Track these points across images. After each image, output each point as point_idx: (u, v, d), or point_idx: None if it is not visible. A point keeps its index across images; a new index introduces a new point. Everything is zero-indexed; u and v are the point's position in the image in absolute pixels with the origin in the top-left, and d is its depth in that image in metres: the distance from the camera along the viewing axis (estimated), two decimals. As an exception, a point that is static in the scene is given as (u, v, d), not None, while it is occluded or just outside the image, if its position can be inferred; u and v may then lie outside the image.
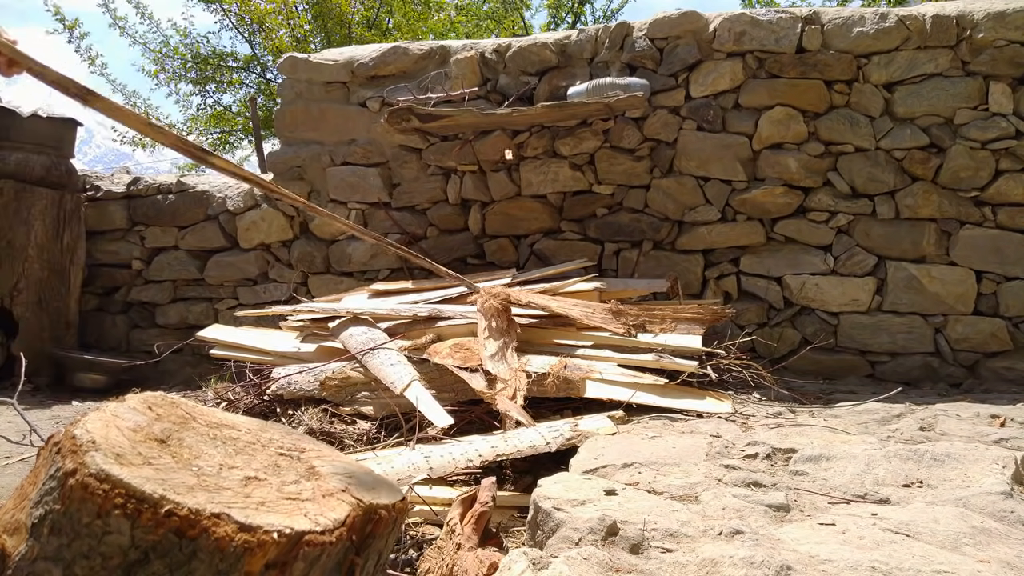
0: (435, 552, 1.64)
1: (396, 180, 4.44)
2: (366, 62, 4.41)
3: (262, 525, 0.70)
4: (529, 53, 4.15)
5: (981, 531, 1.42)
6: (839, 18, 3.81)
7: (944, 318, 3.77)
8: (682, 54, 3.95)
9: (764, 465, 2.07)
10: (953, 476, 1.82)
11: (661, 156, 4.03)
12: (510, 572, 1.29)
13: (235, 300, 4.78)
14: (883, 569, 1.22)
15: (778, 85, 3.85)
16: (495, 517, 1.85)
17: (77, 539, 0.68)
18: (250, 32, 10.30)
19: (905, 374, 3.76)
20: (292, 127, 4.59)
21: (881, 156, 3.78)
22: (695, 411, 2.76)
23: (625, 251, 4.14)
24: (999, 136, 3.64)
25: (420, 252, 4.38)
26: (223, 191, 4.79)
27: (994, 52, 3.62)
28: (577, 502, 1.58)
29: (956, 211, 3.74)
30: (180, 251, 4.89)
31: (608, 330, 3.13)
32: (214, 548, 0.68)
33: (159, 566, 0.68)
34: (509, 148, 4.06)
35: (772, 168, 3.89)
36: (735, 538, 1.38)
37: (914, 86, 3.74)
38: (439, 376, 2.90)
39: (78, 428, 0.72)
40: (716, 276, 4.04)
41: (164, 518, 0.67)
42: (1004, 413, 2.68)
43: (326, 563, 0.76)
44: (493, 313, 3.06)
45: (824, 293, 3.88)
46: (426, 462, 2.26)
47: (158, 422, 0.80)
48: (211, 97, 10.48)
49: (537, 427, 2.47)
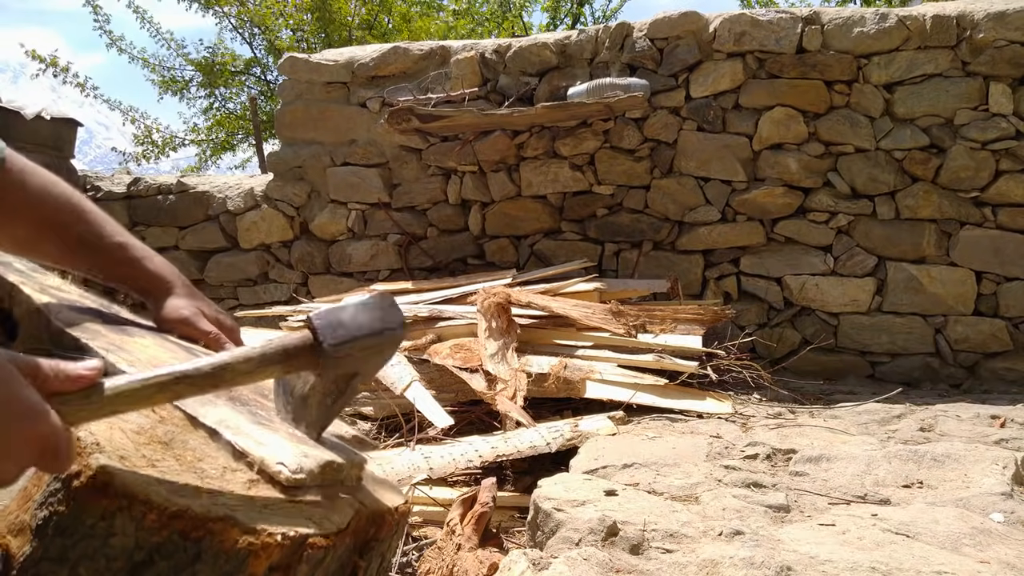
0: (435, 552, 1.64)
1: (396, 180, 4.44)
2: (366, 62, 4.41)
3: (266, 528, 0.70)
4: (529, 53, 4.15)
5: (981, 531, 1.42)
6: (839, 18, 3.81)
7: (944, 319, 3.78)
8: (682, 54, 3.95)
9: (764, 466, 2.07)
10: (953, 477, 1.83)
11: (661, 156, 4.04)
12: (510, 572, 1.30)
13: (235, 300, 4.78)
14: (883, 569, 1.22)
15: (778, 85, 3.86)
16: (495, 517, 1.86)
17: (82, 540, 0.68)
18: (250, 34, 10.31)
19: (905, 375, 3.77)
20: (292, 127, 4.59)
21: (881, 156, 3.79)
22: (695, 412, 2.76)
23: (625, 251, 4.14)
24: (999, 136, 3.64)
25: (420, 252, 4.39)
26: (223, 191, 4.79)
27: (994, 52, 3.62)
28: (577, 503, 1.58)
29: (956, 211, 3.74)
30: (180, 251, 4.89)
31: (608, 330, 3.13)
32: (218, 550, 0.68)
33: (164, 567, 0.68)
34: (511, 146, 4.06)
35: (772, 168, 3.90)
36: (735, 539, 1.39)
37: (914, 86, 3.74)
38: (439, 376, 2.90)
39: (82, 430, 0.72)
40: (716, 276, 4.04)
41: (169, 520, 0.67)
42: (1004, 414, 2.68)
43: (329, 565, 0.76)
44: (493, 313, 3.06)
45: (824, 293, 3.88)
46: (426, 463, 2.26)
47: (161, 424, 0.81)
48: (218, 101, 10.49)
49: (537, 427, 2.48)
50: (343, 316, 0.86)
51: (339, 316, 0.86)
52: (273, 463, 0.78)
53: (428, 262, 4.39)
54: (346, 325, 0.85)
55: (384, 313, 0.89)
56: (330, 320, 0.85)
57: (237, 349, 0.83)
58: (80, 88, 9.68)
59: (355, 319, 0.86)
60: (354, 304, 0.88)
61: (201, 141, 10.45)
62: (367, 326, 0.86)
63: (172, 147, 10.28)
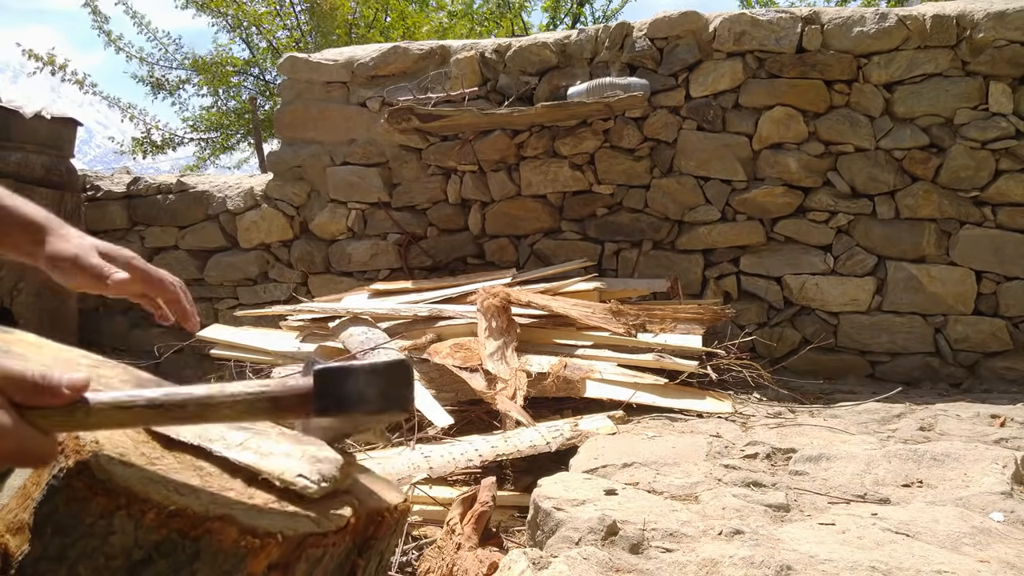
0: (435, 552, 1.64)
1: (396, 180, 4.44)
2: (366, 62, 4.41)
3: (265, 526, 0.70)
4: (529, 53, 4.15)
5: (981, 531, 1.42)
6: (839, 18, 3.81)
7: (944, 318, 3.78)
8: (682, 54, 3.95)
9: (764, 465, 2.07)
10: (953, 476, 1.83)
11: (661, 156, 4.04)
12: (510, 572, 1.30)
13: (235, 300, 4.78)
14: (883, 569, 1.22)
15: (778, 85, 3.86)
16: (495, 517, 1.86)
17: (81, 539, 0.68)
18: (247, 34, 10.29)
19: (905, 374, 3.77)
20: (292, 127, 4.59)
21: (881, 156, 3.79)
22: (695, 411, 2.76)
23: (625, 251, 4.14)
24: (999, 136, 3.64)
25: (420, 252, 4.39)
26: (223, 191, 4.79)
27: (994, 52, 3.62)
28: (577, 502, 1.58)
29: (956, 211, 3.74)
30: (180, 251, 4.89)
31: (608, 330, 3.13)
32: (217, 549, 0.68)
33: (163, 566, 0.68)
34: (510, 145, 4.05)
35: (772, 168, 3.90)
36: (735, 538, 1.38)
37: (914, 86, 3.74)
38: (439, 376, 2.90)
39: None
40: (716, 276, 4.04)
41: (168, 519, 0.67)
42: (1004, 413, 2.68)
43: (328, 564, 0.76)
44: (493, 313, 3.06)
45: (824, 293, 3.88)
46: (426, 462, 2.26)
47: (160, 423, 0.80)
48: (220, 99, 10.48)
49: (537, 427, 2.47)
50: (348, 382, 0.76)
51: (344, 380, 0.76)
52: (293, 477, 0.77)
53: (428, 261, 4.39)
54: (347, 395, 0.76)
55: (395, 390, 0.79)
56: (333, 380, 0.76)
57: (228, 387, 0.77)
58: (79, 85, 9.68)
59: (360, 389, 0.77)
60: (366, 370, 0.78)
61: (201, 140, 10.44)
62: (371, 402, 0.77)
63: (171, 146, 10.28)
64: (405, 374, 0.81)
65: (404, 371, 0.80)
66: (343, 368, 0.78)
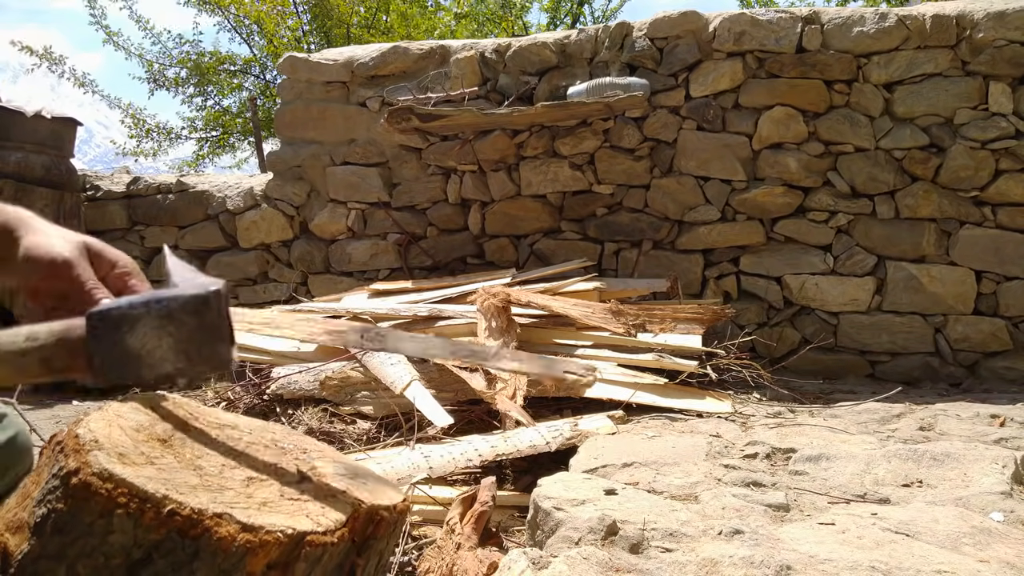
0: (435, 552, 1.64)
1: (396, 180, 4.44)
2: (366, 62, 4.41)
3: (264, 525, 0.70)
4: (529, 53, 4.15)
5: (981, 531, 1.42)
6: (839, 18, 3.81)
7: (944, 318, 3.78)
8: (682, 54, 3.95)
9: (764, 465, 2.07)
10: (953, 476, 1.83)
11: (661, 156, 4.04)
12: (510, 572, 1.29)
13: (235, 300, 4.78)
14: (883, 569, 1.22)
15: (778, 85, 3.86)
16: (495, 517, 1.86)
17: (80, 538, 0.68)
18: (248, 33, 10.30)
19: (905, 374, 3.77)
20: (292, 127, 4.59)
21: (881, 156, 3.79)
22: (695, 411, 2.76)
23: (625, 251, 4.14)
24: (999, 136, 3.64)
25: (420, 252, 4.39)
26: (223, 191, 4.79)
27: (994, 52, 3.62)
28: (577, 502, 1.58)
29: (956, 211, 3.74)
30: (180, 251, 4.89)
31: (608, 330, 3.13)
32: (216, 548, 0.68)
33: (162, 565, 0.68)
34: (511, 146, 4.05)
35: (772, 168, 3.90)
36: (735, 538, 1.38)
37: (914, 86, 3.74)
38: (439, 376, 2.90)
39: (81, 427, 0.72)
40: (716, 276, 4.04)
41: (167, 518, 0.67)
42: (1004, 413, 2.68)
43: (327, 563, 0.76)
44: (493, 313, 3.06)
45: (824, 293, 3.88)
46: (426, 462, 2.26)
47: (160, 422, 0.80)
48: (211, 99, 10.49)
49: (537, 427, 2.47)
50: (131, 336, 0.56)
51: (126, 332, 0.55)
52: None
53: (428, 261, 4.39)
54: (131, 355, 0.57)
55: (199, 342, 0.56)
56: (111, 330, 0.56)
57: None
58: (79, 84, 9.70)
59: (148, 345, 0.56)
60: (159, 314, 0.56)
61: (200, 139, 10.45)
62: (165, 362, 0.57)
63: (169, 141, 10.29)
64: (214, 315, 0.58)
65: (212, 310, 0.58)
66: (123, 313, 0.57)
